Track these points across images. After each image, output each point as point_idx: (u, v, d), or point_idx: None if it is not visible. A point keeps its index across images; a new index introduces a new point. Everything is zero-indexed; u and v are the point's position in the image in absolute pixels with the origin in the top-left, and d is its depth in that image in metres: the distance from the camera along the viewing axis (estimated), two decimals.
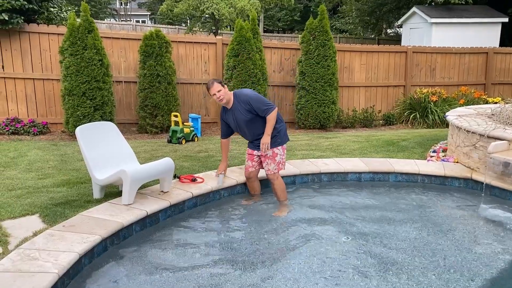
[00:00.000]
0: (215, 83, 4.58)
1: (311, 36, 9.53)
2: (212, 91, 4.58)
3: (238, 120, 4.68)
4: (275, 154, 4.72)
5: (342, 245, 3.95)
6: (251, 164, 4.89)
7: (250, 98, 4.60)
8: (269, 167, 4.73)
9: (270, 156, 4.71)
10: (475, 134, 5.58)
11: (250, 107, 4.57)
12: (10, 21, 7.82)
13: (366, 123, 10.41)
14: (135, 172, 4.21)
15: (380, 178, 5.69)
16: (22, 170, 5.70)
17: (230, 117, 4.74)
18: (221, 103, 4.65)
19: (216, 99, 4.60)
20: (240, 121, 4.67)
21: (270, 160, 4.72)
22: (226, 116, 4.79)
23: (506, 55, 11.91)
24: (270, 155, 4.71)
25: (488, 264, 3.64)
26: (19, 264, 3.07)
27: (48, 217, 4.01)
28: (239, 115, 4.64)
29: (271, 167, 4.73)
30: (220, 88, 4.56)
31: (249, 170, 4.92)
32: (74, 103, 7.69)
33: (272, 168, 4.73)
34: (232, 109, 4.68)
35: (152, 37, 8.40)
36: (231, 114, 4.71)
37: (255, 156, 4.86)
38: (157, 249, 3.82)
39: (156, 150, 7.06)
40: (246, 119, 4.63)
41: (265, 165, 4.76)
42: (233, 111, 4.68)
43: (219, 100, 4.59)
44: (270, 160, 4.71)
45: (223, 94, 4.57)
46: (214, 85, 4.57)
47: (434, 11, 16.47)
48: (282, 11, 34.22)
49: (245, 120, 4.64)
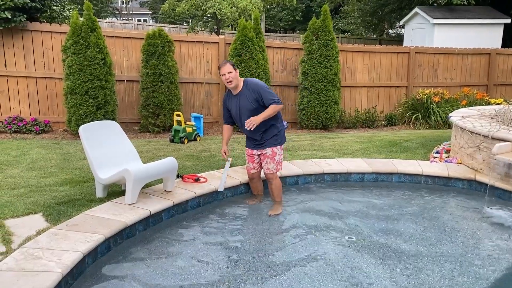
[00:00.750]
0: (228, 64, 4.45)
1: (314, 36, 9.52)
2: (222, 70, 4.45)
3: (242, 108, 4.55)
4: (274, 154, 4.68)
5: (345, 245, 3.94)
6: (252, 166, 4.85)
7: (260, 88, 4.50)
8: (269, 166, 4.69)
9: (270, 155, 4.67)
10: (479, 135, 5.56)
11: (258, 96, 4.46)
12: (13, 19, 7.81)
13: (368, 123, 10.39)
14: (138, 171, 4.19)
15: (383, 178, 5.68)
16: (24, 169, 5.70)
17: (233, 103, 4.61)
18: (229, 85, 4.50)
19: (224, 79, 4.47)
20: (244, 109, 4.54)
21: (269, 159, 4.68)
22: (230, 102, 4.66)
23: (509, 56, 11.89)
24: (270, 154, 4.66)
25: (492, 265, 3.63)
26: (23, 263, 3.06)
27: (51, 216, 4.00)
28: (244, 102, 4.51)
29: (270, 166, 4.69)
30: (231, 70, 4.43)
31: (251, 172, 4.89)
32: (76, 102, 7.68)
33: (272, 168, 4.70)
34: (239, 95, 4.55)
35: (155, 36, 8.40)
36: (236, 100, 4.57)
37: (255, 157, 4.81)
38: (160, 248, 3.81)
39: (158, 150, 7.04)
40: (251, 108, 4.50)
41: (264, 164, 4.72)
42: (239, 97, 4.54)
43: (228, 81, 4.46)
44: (270, 159, 4.68)
45: (233, 76, 4.44)
46: (226, 65, 4.45)
47: (437, 12, 16.44)
48: (284, 11, 34.20)
49: (249, 109, 4.51)
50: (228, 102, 4.69)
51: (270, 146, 4.67)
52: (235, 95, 4.59)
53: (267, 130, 4.64)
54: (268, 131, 4.65)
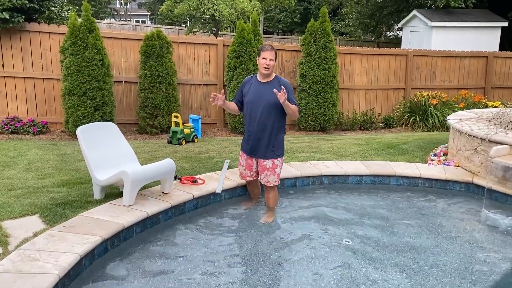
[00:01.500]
0: (273, 51, 4.28)
1: (312, 38, 9.53)
2: (265, 54, 4.27)
3: (263, 96, 4.32)
4: (275, 166, 4.52)
5: (343, 248, 3.94)
6: (249, 174, 4.69)
7: (290, 88, 4.34)
8: (269, 178, 4.53)
9: (270, 168, 4.50)
10: (476, 138, 5.57)
11: (286, 93, 4.25)
12: (11, 20, 7.79)
13: (366, 125, 10.40)
14: (136, 173, 4.19)
15: (381, 181, 5.68)
16: (21, 170, 5.68)
17: (255, 89, 4.36)
18: (265, 72, 4.31)
19: (263, 63, 4.28)
20: (265, 98, 4.31)
21: (269, 172, 4.51)
22: (251, 86, 4.42)
23: (506, 59, 11.93)
24: (270, 167, 4.50)
25: (489, 268, 3.64)
26: (20, 264, 3.05)
27: (48, 218, 3.99)
28: (270, 92, 4.26)
29: (270, 178, 4.53)
30: (273, 58, 4.28)
31: (247, 179, 4.76)
32: (74, 103, 7.67)
33: (272, 180, 4.54)
34: (267, 84, 4.35)
35: (153, 38, 8.39)
36: (262, 87, 4.35)
37: (253, 166, 4.64)
38: (158, 250, 3.81)
39: (156, 151, 7.04)
40: (272, 102, 4.28)
41: (264, 176, 4.54)
42: (267, 85, 4.34)
43: (266, 68, 4.28)
44: (270, 172, 4.51)
45: (272, 64, 4.30)
46: (271, 51, 4.28)
47: (435, 15, 16.48)
48: (282, 13, 34.25)
49: (269, 102, 4.30)
50: (248, 85, 4.47)
51: (270, 158, 4.50)
52: (263, 82, 4.40)
53: (274, 133, 4.44)
54: (276, 134, 4.45)
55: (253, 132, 4.46)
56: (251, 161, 4.62)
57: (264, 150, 4.48)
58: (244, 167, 4.69)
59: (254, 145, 4.51)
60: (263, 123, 4.39)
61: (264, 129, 4.40)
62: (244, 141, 4.64)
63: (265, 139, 4.44)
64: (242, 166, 4.70)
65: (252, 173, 4.68)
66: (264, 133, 4.42)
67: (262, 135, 4.43)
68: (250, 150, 4.56)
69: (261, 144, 4.47)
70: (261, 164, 4.54)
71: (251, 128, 4.47)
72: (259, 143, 4.47)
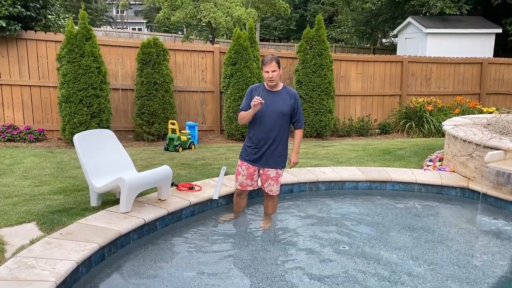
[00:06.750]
0: (274, 62, 4.17)
1: (308, 45, 9.59)
2: (267, 67, 4.19)
3: (272, 105, 4.24)
4: (278, 175, 4.45)
5: (340, 254, 3.95)
6: (250, 183, 4.50)
7: (299, 101, 4.37)
8: (272, 188, 4.46)
9: (274, 177, 4.44)
10: (471, 143, 5.61)
11: (294, 104, 4.29)
12: (8, 28, 7.81)
13: (362, 131, 10.45)
14: (133, 180, 4.20)
15: (377, 186, 5.71)
16: (18, 177, 5.67)
17: (262, 98, 4.17)
18: (270, 83, 4.26)
19: (267, 77, 4.21)
20: (273, 107, 4.24)
21: (273, 181, 4.43)
22: (259, 94, 4.28)
23: (500, 65, 12.04)
24: (274, 176, 4.43)
25: (485, 273, 3.65)
26: (16, 272, 3.05)
27: (45, 225, 3.99)
28: (280, 102, 4.25)
29: (273, 188, 4.47)
30: (276, 69, 4.19)
31: (247, 188, 4.54)
32: (71, 110, 7.67)
33: (275, 190, 4.49)
34: (276, 93, 4.30)
35: (150, 45, 8.43)
36: (271, 96, 4.28)
37: (255, 175, 4.49)
38: (155, 257, 3.81)
39: (153, 158, 7.04)
40: (282, 112, 4.26)
41: (267, 185, 4.44)
42: (276, 95, 4.29)
43: (270, 80, 4.22)
44: (273, 181, 4.43)
45: (276, 76, 4.21)
46: (272, 63, 4.17)
47: (429, 22, 16.62)
48: (278, 20, 34.47)
49: (278, 112, 4.25)
50: (256, 93, 4.32)
51: (275, 168, 4.42)
52: (271, 91, 4.33)
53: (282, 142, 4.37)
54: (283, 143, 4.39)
55: (261, 140, 4.36)
56: (253, 170, 4.46)
57: (271, 158, 4.39)
58: (245, 177, 4.49)
59: (260, 153, 4.38)
60: (271, 132, 4.32)
61: (271, 138, 4.33)
62: (248, 150, 4.46)
63: (272, 148, 4.37)
64: (242, 176, 4.50)
65: (253, 183, 4.52)
66: (272, 142, 4.34)
67: (270, 144, 4.34)
68: (256, 159, 4.41)
69: (268, 152, 4.37)
70: (265, 172, 4.44)
71: (259, 136, 4.36)
72: (266, 151, 4.36)
